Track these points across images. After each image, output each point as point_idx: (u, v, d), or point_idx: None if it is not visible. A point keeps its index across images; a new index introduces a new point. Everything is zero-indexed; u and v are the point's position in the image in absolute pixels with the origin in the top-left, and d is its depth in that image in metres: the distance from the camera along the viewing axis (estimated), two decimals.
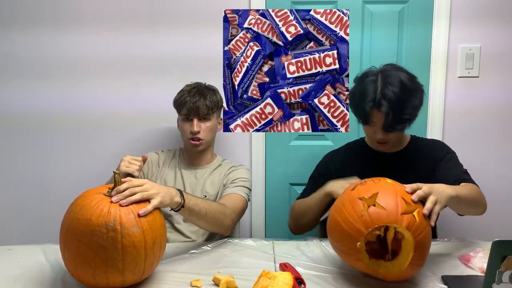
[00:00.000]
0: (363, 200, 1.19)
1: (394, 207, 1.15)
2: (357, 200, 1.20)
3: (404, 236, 1.15)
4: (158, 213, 1.23)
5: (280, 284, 1.09)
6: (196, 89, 1.75)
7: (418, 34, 2.05)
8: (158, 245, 1.19)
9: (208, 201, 1.46)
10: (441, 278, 1.24)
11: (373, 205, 1.17)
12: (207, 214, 1.40)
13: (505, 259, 0.98)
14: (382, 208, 1.15)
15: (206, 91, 1.75)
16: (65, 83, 2.09)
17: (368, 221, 1.15)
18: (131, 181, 1.21)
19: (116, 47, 2.07)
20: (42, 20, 2.05)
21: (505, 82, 2.07)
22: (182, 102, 1.73)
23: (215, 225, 1.47)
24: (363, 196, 1.19)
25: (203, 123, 1.73)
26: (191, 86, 1.78)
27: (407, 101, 1.53)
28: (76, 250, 1.12)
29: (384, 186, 1.22)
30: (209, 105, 1.72)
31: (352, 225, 1.17)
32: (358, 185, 1.25)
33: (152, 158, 1.83)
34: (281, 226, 2.19)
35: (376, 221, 1.15)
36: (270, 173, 2.17)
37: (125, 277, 1.13)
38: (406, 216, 1.14)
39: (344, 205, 1.23)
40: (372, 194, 1.18)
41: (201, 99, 1.71)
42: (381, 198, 1.17)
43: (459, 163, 1.68)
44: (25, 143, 2.13)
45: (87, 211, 1.12)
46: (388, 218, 1.15)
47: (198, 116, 1.72)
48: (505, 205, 2.12)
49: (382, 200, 1.17)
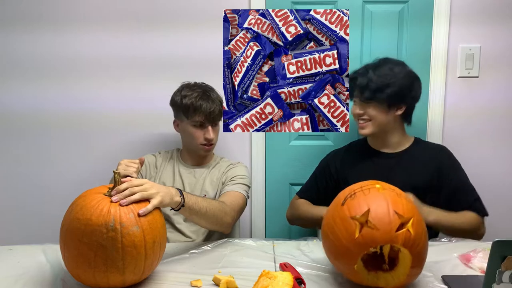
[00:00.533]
0: (355, 220, 1.15)
1: (388, 225, 1.11)
2: (348, 220, 1.16)
3: (400, 250, 1.14)
4: (158, 212, 1.23)
5: (280, 284, 1.09)
6: (205, 94, 1.71)
7: (418, 34, 2.05)
8: (158, 245, 1.19)
9: (208, 200, 1.46)
10: (441, 278, 1.24)
11: (366, 221, 1.13)
12: (207, 212, 1.40)
13: (505, 259, 0.98)
14: (375, 228, 1.12)
15: (213, 94, 1.74)
16: (65, 83, 2.09)
17: (362, 244, 1.13)
18: (131, 181, 1.21)
19: (115, 47, 2.07)
20: (42, 20, 2.05)
21: (505, 82, 2.07)
22: (197, 108, 1.68)
23: (215, 223, 1.47)
24: (354, 215, 1.15)
25: (215, 128, 1.75)
26: (196, 90, 1.73)
27: (384, 75, 1.64)
28: (76, 250, 1.12)
29: (375, 199, 1.17)
30: (220, 109, 1.75)
31: (346, 248, 1.15)
32: (348, 199, 1.21)
33: (150, 160, 1.83)
34: (281, 226, 2.19)
35: (371, 243, 1.12)
36: (270, 173, 2.17)
37: (125, 276, 1.13)
38: (401, 233, 1.11)
39: (335, 223, 1.19)
40: (363, 213, 1.14)
41: (213, 105, 1.70)
42: (373, 215, 1.13)
43: (470, 185, 1.71)
44: (24, 143, 2.13)
45: (87, 211, 1.13)
46: (383, 237, 1.11)
47: (213, 123, 1.73)
48: (505, 205, 2.12)
49: (374, 218, 1.12)
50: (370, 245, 1.12)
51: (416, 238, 1.13)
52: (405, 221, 1.13)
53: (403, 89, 1.66)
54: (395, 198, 1.18)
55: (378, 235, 1.11)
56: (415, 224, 1.14)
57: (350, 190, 1.24)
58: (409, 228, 1.12)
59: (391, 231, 1.11)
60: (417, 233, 1.13)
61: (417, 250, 1.13)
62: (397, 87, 1.64)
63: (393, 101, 1.66)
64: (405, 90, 1.67)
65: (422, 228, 1.16)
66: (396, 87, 1.64)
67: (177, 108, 1.75)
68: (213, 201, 1.49)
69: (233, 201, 1.58)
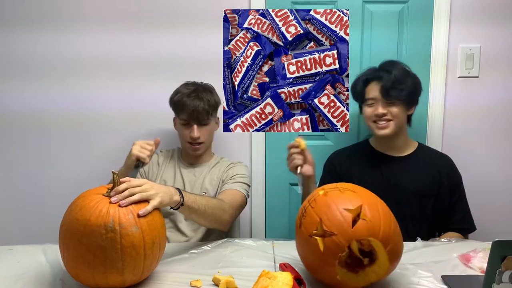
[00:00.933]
0: (314, 236, 1.15)
1: (342, 225, 1.12)
2: (309, 239, 1.16)
3: (368, 239, 1.12)
4: (158, 213, 1.23)
5: (280, 284, 1.08)
6: (195, 92, 1.73)
7: (418, 34, 2.05)
8: (158, 246, 1.19)
9: (207, 198, 1.47)
10: (441, 278, 1.24)
11: (324, 232, 1.13)
12: (206, 210, 1.40)
13: (505, 259, 0.98)
14: (333, 234, 1.12)
15: (204, 94, 1.74)
16: (65, 83, 2.09)
17: (330, 254, 1.12)
18: (130, 182, 1.21)
19: (115, 47, 2.07)
20: (42, 20, 2.05)
21: (505, 82, 2.07)
22: (181, 105, 1.71)
23: (214, 221, 1.48)
24: (311, 232, 1.16)
25: (203, 128, 1.73)
26: (189, 88, 1.75)
27: (403, 76, 1.68)
28: (76, 250, 1.12)
29: (322, 207, 1.18)
30: (208, 109, 1.72)
31: (320, 264, 1.15)
32: (302, 219, 1.22)
33: (152, 158, 1.84)
34: (281, 226, 2.19)
35: (337, 250, 1.11)
36: (270, 173, 2.16)
37: (124, 277, 1.13)
38: (357, 226, 1.11)
39: (302, 246, 1.23)
40: (316, 226, 1.15)
41: (200, 104, 1.70)
42: (326, 223, 1.13)
43: (465, 198, 1.76)
44: (24, 143, 2.13)
45: (87, 211, 1.12)
46: (345, 239, 1.11)
47: (198, 122, 1.72)
48: (505, 205, 2.12)
49: (328, 225, 1.13)
50: (337, 252, 1.11)
51: (375, 222, 1.12)
52: (356, 212, 1.13)
53: (417, 89, 1.73)
54: (339, 196, 1.18)
55: (339, 239, 1.11)
56: (368, 209, 1.13)
57: (301, 210, 1.25)
58: (364, 217, 1.12)
59: (348, 229, 1.11)
60: (373, 216, 1.12)
61: (383, 232, 1.11)
62: (413, 86, 1.70)
63: (411, 100, 1.72)
64: (418, 89, 1.74)
65: (377, 208, 1.14)
66: (413, 86, 1.70)
67: (171, 105, 1.80)
68: (212, 199, 1.49)
69: (232, 199, 1.59)
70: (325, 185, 1.28)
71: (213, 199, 1.52)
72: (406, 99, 1.69)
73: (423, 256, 1.39)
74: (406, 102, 1.70)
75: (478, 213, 1.83)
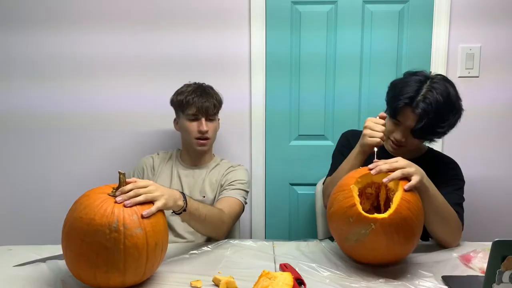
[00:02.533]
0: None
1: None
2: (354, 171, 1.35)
3: (393, 191, 1.25)
4: (162, 215, 1.23)
5: (280, 284, 1.08)
6: (200, 89, 1.76)
7: (418, 34, 2.05)
8: (160, 247, 1.19)
9: (208, 207, 1.46)
10: (441, 278, 1.24)
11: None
12: (206, 219, 1.41)
13: (505, 259, 0.98)
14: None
15: (211, 91, 1.78)
16: (66, 83, 2.09)
17: (361, 170, 1.31)
18: (136, 182, 1.21)
19: (116, 47, 2.07)
20: (42, 20, 2.05)
21: (505, 82, 2.07)
22: (189, 102, 1.72)
23: (212, 230, 1.49)
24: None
25: (210, 123, 1.75)
26: (194, 86, 1.78)
27: (445, 116, 1.44)
28: (78, 249, 1.12)
29: None
30: (216, 104, 1.75)
31: (347, 177, 1.30)
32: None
33: (147, 162, 1.85)
34: (281, 226, 2.19)
35: (364, 170, 1.29)
36: (270, 173, 2.16)
37: (125, 277, 1.13)
38: None
39: (343, 178, 1.36)
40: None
41: (208, 99, 1.73)
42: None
43: (462, 191, 1.59)
44: (24, 143, 2.13)
45: (91, 210, 1.12)
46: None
47: (206, 116, 1.73)
48: (505, 205, 2.13)
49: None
50: (363, 171, 1.29)
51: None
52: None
53: (451, 128, 1.50)
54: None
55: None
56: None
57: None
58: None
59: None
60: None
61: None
62: (449, 130, 1.49)
63: (437, 137, 1.54)
64: (452, 128, 1.51)
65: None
66: (449, 130, 1.49)
67: (174, 105, 1.79)
68: (213, 209, 1.49)
69: (231, 210, 1.59)
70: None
71: (215, 208, 1.51)
72: (432, 136, 1.51)
73: (423, 256, 1.38)
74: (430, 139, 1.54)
75: (478, 213, 1.83)
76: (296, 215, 2.19)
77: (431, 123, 1.43)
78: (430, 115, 1.41)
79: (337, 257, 1.37)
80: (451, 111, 1.45)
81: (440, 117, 1.43)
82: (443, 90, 1.44)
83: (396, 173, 1.25)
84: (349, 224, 1.23)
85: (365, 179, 1.30)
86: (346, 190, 1.27)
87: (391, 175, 1.25)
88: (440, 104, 1.42)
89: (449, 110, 1.45)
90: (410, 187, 1.24)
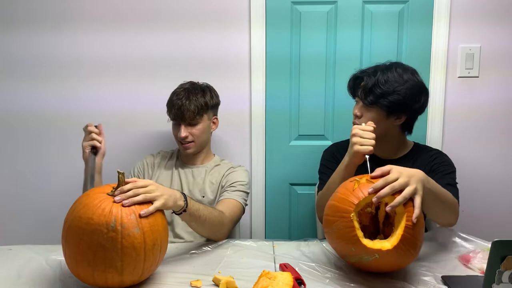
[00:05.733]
0: (354, 181, 1.26)
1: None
2: (348, 182, 1.29)
3: (396, 212, 1.20)
4: (161, 215, 1.23)
5: (280, 284, 1.09)
6: (184, 91, 1.72)
7: (418, 34, 2.05)
8: (158, 248, 1.19)
9: (209, 209, 1.46)
10: (441, 278, 1.24)
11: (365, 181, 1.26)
12: (206, 221, 1.41)
13: (505, 259, 0.98)
14: (372, 182, 1.22)
15: (193, 94, 1.72)
16: (65, 83, 2.09)
17: (359, 193, 1.22)
18: (135, 182, 1.21)
19: (115, 47, 2.07)
20: (41, 20, 2.05)
21: (505, 82, 2.07)
22: (170, 105, 1.73)
23: (211, 232, 1.49)
24: (356, 179, 1.27)
25: (192, 127, 1.72)
26: (182, 88, 1.76)
27: (383, 76, 1.54)
28: (77, 248, 1.12)
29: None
30: (194, 109, 1.69)
31: (345, 200, 1.23)
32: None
33: (148, 161, 1.85)
34: (281, 226, 2.19)
35: (366, 192, 1.22)
36: (270, 173, 2.17)
37: (123, 277, 1.13)
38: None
39: (337, 190, 1.31)
40: (363, 176, 1.28)
41: (185, 104, 1.68)
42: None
43: (453, 174, 1.61)
44: (24, 143, 2.13)
45: (89, 209, 1.13)
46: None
47: (185, 121, 1.71)
48: (505, 205, 2.13)
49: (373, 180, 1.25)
50: (365, 194, 1.21)
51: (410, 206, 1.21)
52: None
53: (406, 99, 1.53)
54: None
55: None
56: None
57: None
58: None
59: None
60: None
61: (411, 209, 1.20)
62: (401, 96, 1.52)
63: (393, 110, 1.54)
64: (409, 100, 1.54)
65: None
66: (401, 95, 1.52)
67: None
68: (214, 211, 1.48)
69: (231, 212, 1.58)
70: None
71: (215, 210, 1.50)
72: (386, 106, 1.53)
73: (423, 256, 1.38)
74: (385, 110, 1.54)
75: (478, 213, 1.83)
76: (296, 215, 2.19)
77: (372, 83, 1.54)
78: (374, 75, 1.55)
79: (337, 257, 1.37)
80: (391, 74, 1.55)
81: (378, 78, 1.54)
82: (388, 64, 1.60)
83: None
84: (352, 251, 1.21)
85: (363, 202, 1.23)
86: (346, 218, 1.20)
87: (394, 203, 1.18)
88: (379, 67, 1.59)
89: (388, 72, 1.55)
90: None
